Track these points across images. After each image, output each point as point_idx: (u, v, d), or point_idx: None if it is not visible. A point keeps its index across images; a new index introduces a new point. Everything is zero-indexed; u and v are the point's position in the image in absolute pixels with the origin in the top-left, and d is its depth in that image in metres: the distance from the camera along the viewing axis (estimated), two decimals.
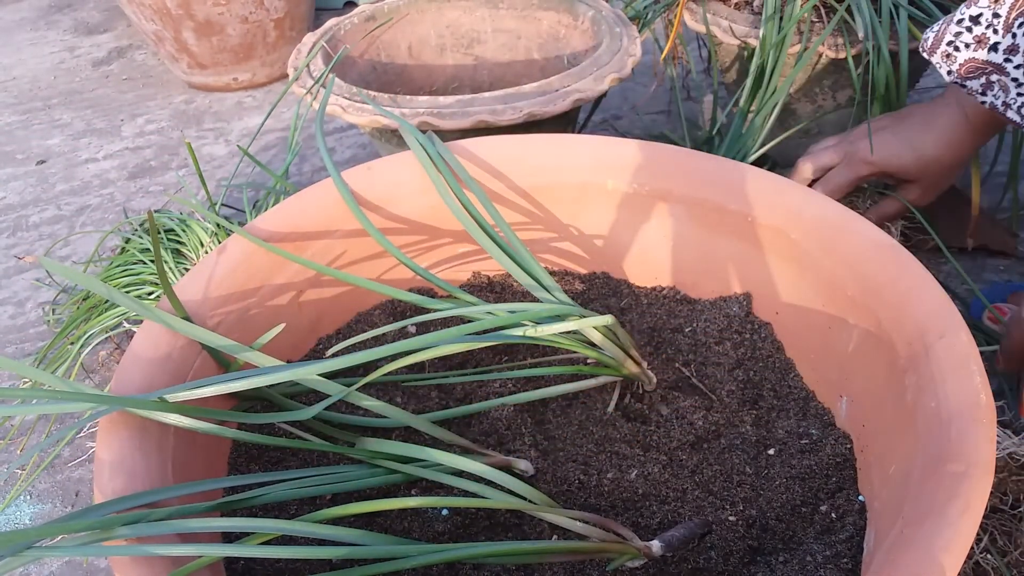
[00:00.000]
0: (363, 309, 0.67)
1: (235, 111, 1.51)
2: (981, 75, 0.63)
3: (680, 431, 0.55)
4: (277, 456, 0.55)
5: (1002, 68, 0.61)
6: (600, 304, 0.67)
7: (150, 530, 0.39)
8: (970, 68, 0.63)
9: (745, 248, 0.61)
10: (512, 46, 1.10)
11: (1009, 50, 0.60)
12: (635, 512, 0.51)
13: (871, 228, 0.54)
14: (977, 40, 0.62)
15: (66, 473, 0.81)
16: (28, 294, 1.08)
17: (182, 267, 0.89)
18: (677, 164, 0.64)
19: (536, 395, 0.56)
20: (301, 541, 0.49)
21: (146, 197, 1.26)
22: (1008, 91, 0.61)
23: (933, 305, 0.47)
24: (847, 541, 0.47)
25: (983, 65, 0.62)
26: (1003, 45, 0.61)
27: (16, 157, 1.42)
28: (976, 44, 0.62)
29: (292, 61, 0.93)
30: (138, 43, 1.83)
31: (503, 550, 0.42)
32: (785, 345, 0.61)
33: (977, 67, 0.62)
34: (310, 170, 1.29)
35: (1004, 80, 0.61)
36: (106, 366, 0.91)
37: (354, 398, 0.50)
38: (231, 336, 0.52)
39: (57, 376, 0.45)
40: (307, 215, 0.62)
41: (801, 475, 0.52)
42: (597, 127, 1.29)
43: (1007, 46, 0.60)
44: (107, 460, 0.43)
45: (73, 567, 0.72)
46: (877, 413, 0.50)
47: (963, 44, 0.63)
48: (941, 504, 0.38)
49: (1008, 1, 0.60)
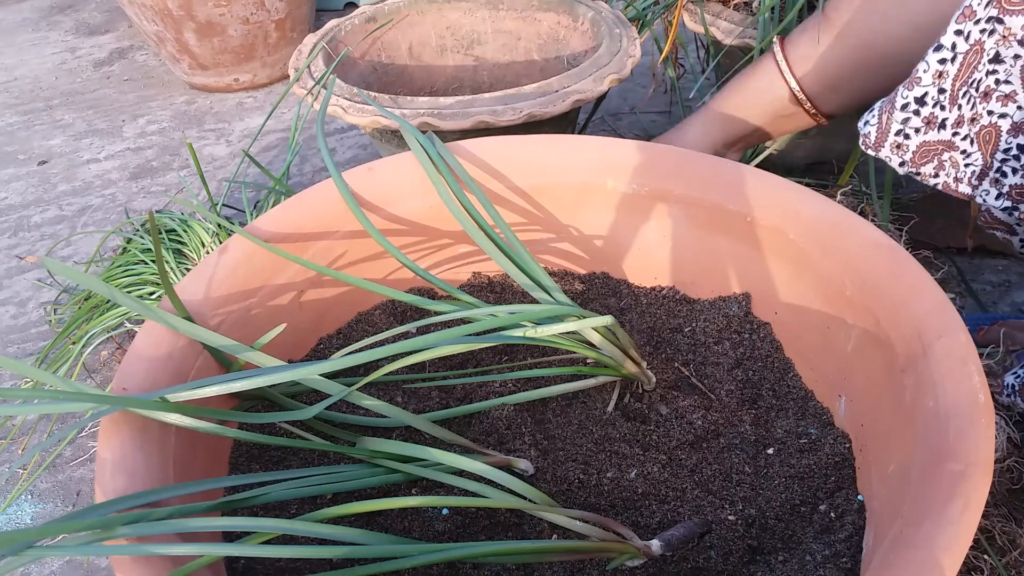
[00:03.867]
0: (364, 309, 0.67)
1: (236, 112, 1.51)
2: (934, 157, 0.58)
3: (679, 430, 0.55)
4: (278, 455, 0.55)
5: (951, 144, 0.57)
6: (599, 304, 0.67)
7: (151, 529, 0.39)
8: (923, 153, 0.59)
9: (744, 248, 0.62)
10: (512, 47, 1.10)
11: (956, 123, 0.56)
12: (635, 511, 0.51)
13: (870, 228, 0.54)
14: (926, 122, 0.57)
15: (67, 473, 0.82)
16: (30, 294, 1.08)
17: (183, 267, 0.89)
18: (676, 165, 0.64)
19: (536, 395, 0.56)
20: (301, 540, 0.49)
21: (147, 197, 1.27)
22: (958, 166, 0.57)
23: (931, 305, 0.48)
24: (846, 540, 0.47)
25: (934, 146, 0.58)
26: (951, 120, 0.57)
27: (18, 157, 1.42)
28: (926, 126, 0.57)
29: (293, 62, 0.93)
30: (139, 44, 1.83)
31: (503, 549, 0.42)
32: (784, 345, 0.61)
33: (929, 150, 0.58)
34: (311, 170, 1.29)
35: (954, 156, 0.57)
36: (107, 366, 0.92)
37: (355, 398, 0.50)
38: (232, 336, 0.52)
39: (59, 376, 0.45)
40: (308, 215, 0.62)
41: (800, 474, 0.52)
42: (597, 128, 1.29)
43: (955, 119, 0.56)
44: (108, 459, 0.44)
45: (74, 566, 0.73)
46: (876, 413, 0.50)
47: (912, 130, 0.58)
48: (940, 504, 0.38)
49: (951, 73, 0.55)
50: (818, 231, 0.56)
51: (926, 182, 0.60)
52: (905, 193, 1.09)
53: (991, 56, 0.53)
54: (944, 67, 0.56)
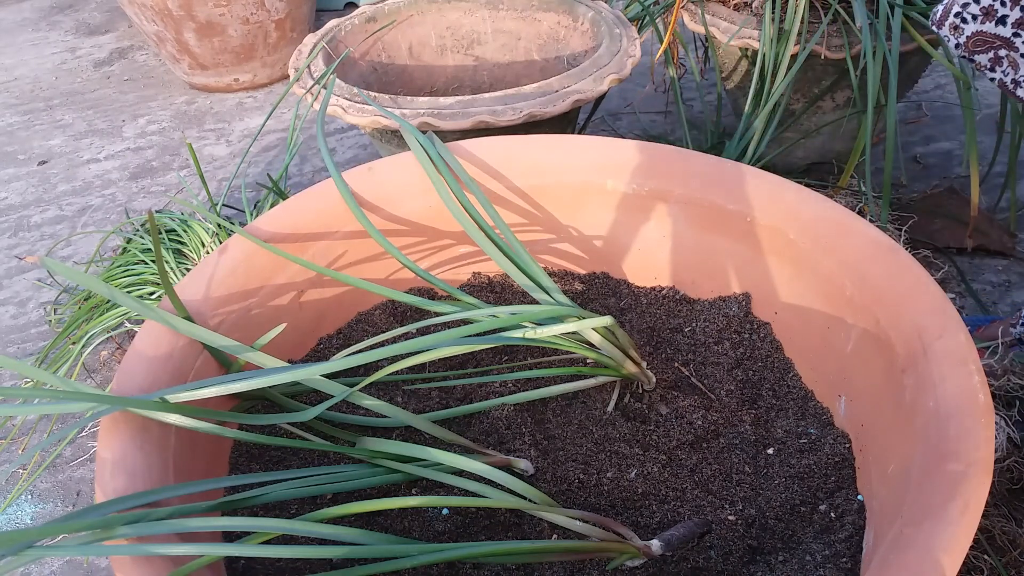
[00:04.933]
0: (364, 309, 0.67)
1: (236, 112, 1.51)
2: (989, 49, 0.60)
3: (679, 430, 0.55)
4: (278, 455, 0.55)
5: (1011, 43, 0.59)
6: (599, 304, 0.67)
7: (151, 529, 0.39)
8: (978, 41, 0.61)
9: (744, 248, 0.62)
10: (512, 47, 1.10)
11: (1018, 24, 0.58)
12: (635, 511, 0.51)
13: (870, 228, 0.54)
14: (984, 12, 0.59)
15: (67, 473, 0.82)
16: (30, 294, 1.08)
17: (183, 267, 0.89)
18: (676, 165, 0.64)
19: (536, 395, 0.56)
20: (301, 540, 0.49)
21: (147, 197, 1.27)
22: (1018, 68, 0.59)
23: (931, 305, 0.47)
24: (846, 540, 0.47)
25: (991, 39, 0.60)
26: (1011, 18, 0.58)
27: (18, 157, 1.42)
28: (984, 16, 0.59)
29: (293, 62, 0.93)
30: (139, 44, 1.83)
31: (503, 549, 0.42)
32: (784, 345, 0.61)
33: (985, 40, 0.60)
34: (311, 171, 1.29)
35: (1014, 56, 0.59)
36: (107, 366, 0.92)
37: (355, 398, 0.50)
38: (232, 336, 0.52)
39: (59, 376, 0.45)
40: (308, 216, 0.62)
41: (800, 474, 0.52)
42: (596, 128, 1.29)
43: (1015, 19, 0.58)
44: (108, 459, 0.44)
45: (74, 566, 0.73)
46: (876, 412, 0.50)
47: (970, 16, 0.61)
48: (940, 504, 0.38)
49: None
50: (818, 231, 0.56)
51: (982, 72, 0.63)
52: (905, 193, 1.09)
53: None
54: None
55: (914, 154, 1.19)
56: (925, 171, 1.15)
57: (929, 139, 1.22)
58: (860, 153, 0.92)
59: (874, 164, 1.10)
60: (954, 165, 1.16)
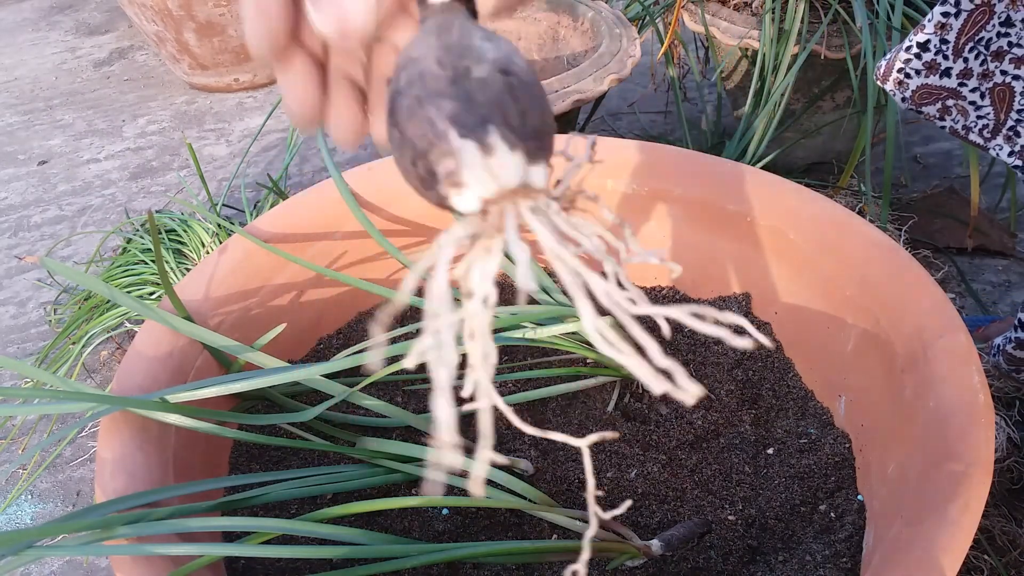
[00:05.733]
0: (363, 309, 0.67)
1: (236, 112, 1.51)
2: (936, 100, 0.62)
3: (679, 430, 0.55)
4: (278, 455, 0.55)
5: (958, 93, 0.60)
6: (599, 304, 0.67)
7: (151, 529, 0.39)
8: (924, 94, 0.62)
9: (744, 248, 0.62)
10: None
11: (963, 74, 0.59)
12: (635, 511, 0.51)
13: (870, 228, 0.54)
14: (928, 66, 0.61)
15: (67, 472, 0.82)
16: (30, 294, 1.08)
17: (183, 267, 0.89)
18: (676, 165, 0.64)
19: (536, 395, 0.56)
20: (302, 540, 0.49)
21: (147, 197, 1.27)
22: (967, 114, 0.60)
23: (931, 305, 0.47)
24: (846, 540, 0.47)
25: (937, 91, 0.61)
26: (955, 70, 0.60)
27: (18, 158, 1.42)
28: (927, 70, 0.61)
29: None
30: (139, 44, 1.84)
31: (503, 549, 0.42)
32: (784, 345, 0.61)
33: (931, 93, 0.61)
34: (311, 171, 1.29)
35: (962, 104, 0.60)
36: (107, 366, 0.92)
37: (355, 398, 0.50)
38: (232, 336, 0.52)
39: (59, 376, 0.45)
40: (308, 216, 0.62)
41: (800, 474, 0.52)
42: (596, 127, 1.29)
43: (960, 71, 0.60)
44: (108, 459, 0.44)
45: (74, 566, 0.73)
46: (876, 412, 0.50)
47: (913, 71, 0.62)
48: (940, 504, 0.38)
49: (955, 27, 0.58)
50: (818, 231, 0.56)
51: (931, 121, 0.64)
52: (905, 193, 1.09)
53: (1002, 19, 0.56)
54: (948, 20, 0.58)
55: (914, 154, 1.19)
56: (925, 171, 1.15)
57: (929, 139, 1.22)
58: (860, 153, 0.93)
59: (874, 164, 1.10)
60: (954, 165, 1.16)
